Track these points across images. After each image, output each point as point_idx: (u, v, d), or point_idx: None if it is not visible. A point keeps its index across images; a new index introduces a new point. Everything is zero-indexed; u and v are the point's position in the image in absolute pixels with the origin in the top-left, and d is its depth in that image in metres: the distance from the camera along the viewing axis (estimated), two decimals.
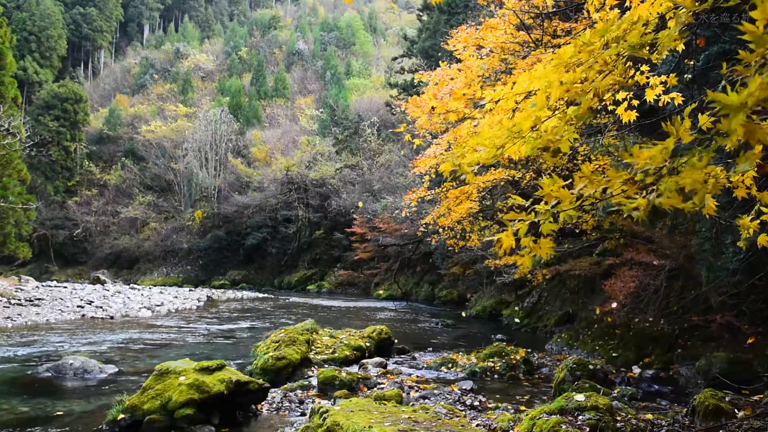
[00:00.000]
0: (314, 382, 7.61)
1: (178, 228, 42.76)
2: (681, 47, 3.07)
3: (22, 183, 23.06)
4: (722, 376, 7.17)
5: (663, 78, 3.81)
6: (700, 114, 2.27)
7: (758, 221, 3.48)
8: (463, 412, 5.82)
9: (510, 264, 14.49)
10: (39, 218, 36.94)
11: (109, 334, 12.69)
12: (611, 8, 4.20)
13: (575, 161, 10.23)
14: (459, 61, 7.87)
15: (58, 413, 6.25)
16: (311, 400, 6.80)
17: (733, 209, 6.19)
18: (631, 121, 3.80)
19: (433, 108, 5.52)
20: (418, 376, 8.38)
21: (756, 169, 3.02)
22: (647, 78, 3.73)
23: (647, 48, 2.69)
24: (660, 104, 4.01)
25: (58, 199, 45.28)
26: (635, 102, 4.03)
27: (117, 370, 8.60)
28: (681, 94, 4.05)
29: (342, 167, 36.56)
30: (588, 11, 5.55)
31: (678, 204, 2.08)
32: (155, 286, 32.67)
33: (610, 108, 4.17)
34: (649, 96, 3.72)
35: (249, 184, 41.95)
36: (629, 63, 2.94)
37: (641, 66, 3.70)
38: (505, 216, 2.42)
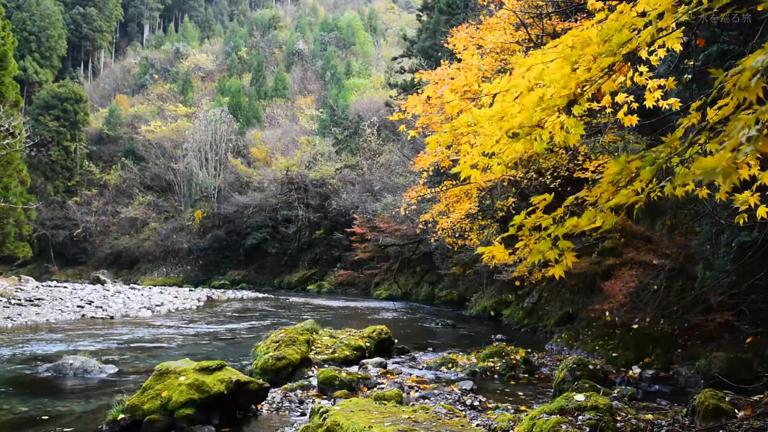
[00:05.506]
0: (314, 382, 7.60)
1: (178, 228, 42.74)
2: (679, 48, 3.08)
3: (22, 184, 23.05)
4: (722, 376, 7.17)
5: (662, 81, 3.83)
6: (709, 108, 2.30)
7: (758, 195, 3.46)
8: (463, 412, 5.82)
9: (510, 264, 14.47)
10: (39, 218, 36.92)
11: (109, 334, 12.69)
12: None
13: (576, 161, 10.23)
14: (459, 60, 7.89)
15: (58, 413, 6.25)
16: (311, 400, 6.79)
17: (732, 210, 6.18)
18: (633, 124, 3.84)
19: (428, 98, 5.55)
20: (418, 376, 8.38)
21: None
22: (647, 80, 3.75)
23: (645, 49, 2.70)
24: (660, 104, 4.03)
25: (58, 199, 45.28)
26: (635, 105, 4.06)
27: (117, 370, 8.60)
28: (680, 95, 4.07)
29: (342, 167, 36.53)
30: (588, 11, 5.55)
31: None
32: (155, 286, 32.67)
33: (608, 111, 4.21)
34: (649, 101, 3.77)
35: (249, 184, 41.92)
36: (628, 63, 2.95)
37: (639, 67, 3.72)
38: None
